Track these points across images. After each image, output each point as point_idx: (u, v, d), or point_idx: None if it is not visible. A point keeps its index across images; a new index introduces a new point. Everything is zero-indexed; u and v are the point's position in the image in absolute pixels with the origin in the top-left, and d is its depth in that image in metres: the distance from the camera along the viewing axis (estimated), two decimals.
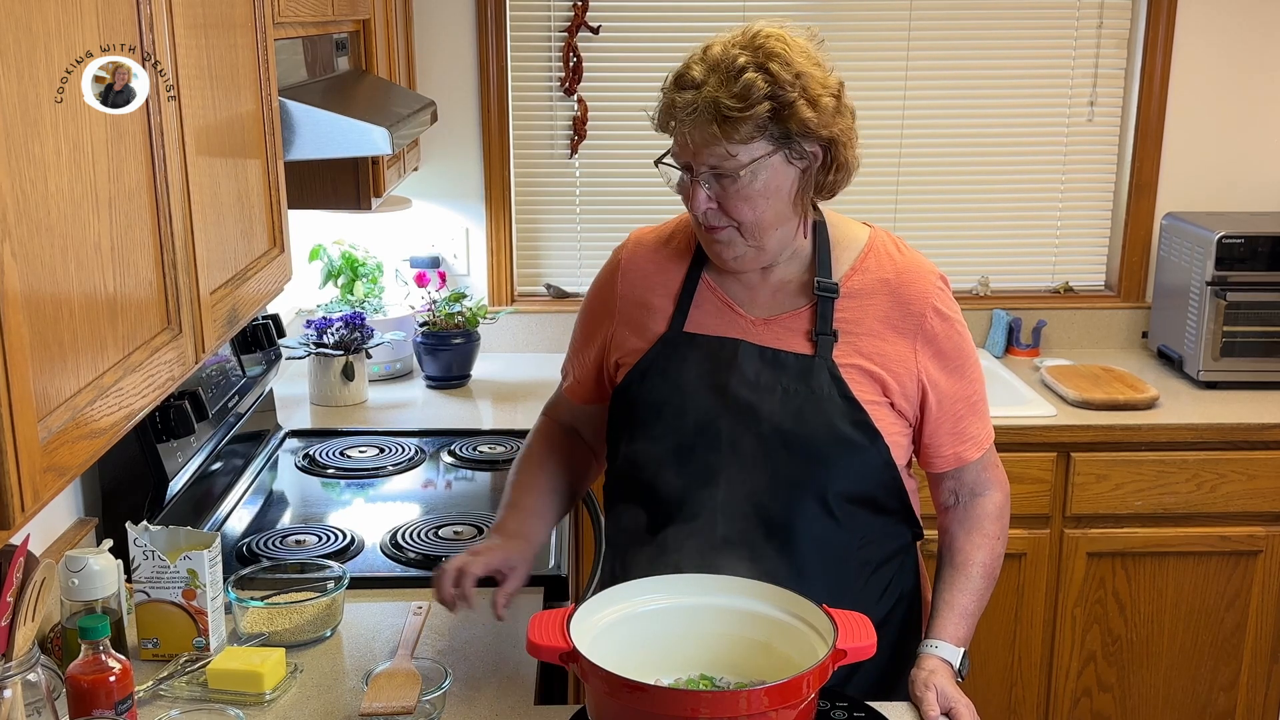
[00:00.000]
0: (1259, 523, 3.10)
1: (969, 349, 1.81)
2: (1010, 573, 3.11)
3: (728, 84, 1.61)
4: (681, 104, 1.63)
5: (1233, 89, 3.56)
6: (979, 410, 1.82)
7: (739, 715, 1.39)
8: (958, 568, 1.82)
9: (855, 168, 1.74)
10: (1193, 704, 3.22)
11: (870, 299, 1.76)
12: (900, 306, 1.76)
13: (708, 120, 1.61)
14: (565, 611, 1.52)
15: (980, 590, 1.81)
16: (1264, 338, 3.26)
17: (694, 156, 1.65)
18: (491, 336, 3.47)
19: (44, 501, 1.11)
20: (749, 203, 1.66)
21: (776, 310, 1.78)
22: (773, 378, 1.73)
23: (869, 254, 1.80)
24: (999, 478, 1.89)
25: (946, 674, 1.73)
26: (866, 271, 1.78)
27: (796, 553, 1.71)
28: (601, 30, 3.49)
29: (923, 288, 1.78)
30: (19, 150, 1.07)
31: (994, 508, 1.86)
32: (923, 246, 3.67)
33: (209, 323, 1.56)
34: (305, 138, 1.98)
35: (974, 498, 1.86)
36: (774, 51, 1.64)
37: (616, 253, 1.91)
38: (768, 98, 1.61)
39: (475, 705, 1.74)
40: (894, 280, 1.77)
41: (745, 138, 1.62)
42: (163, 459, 2.14)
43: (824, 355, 1.73)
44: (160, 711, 1.65)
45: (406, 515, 2.44)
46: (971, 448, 1.82)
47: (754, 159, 1.63)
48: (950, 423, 1.79)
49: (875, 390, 1.74)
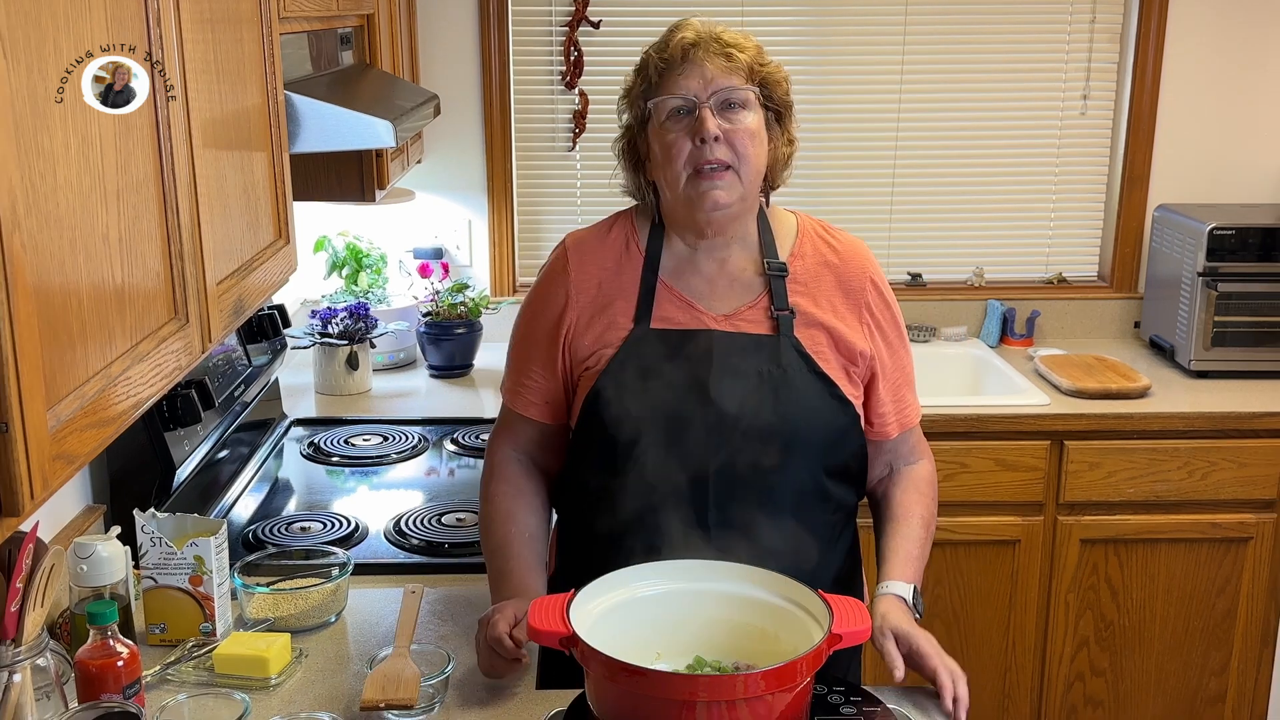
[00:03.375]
0: (1249, 510, 3.13)
1: (901, 322, 1.91)
2: (1004, 559, 3.14)
3: (720, 32, 1.78)
4: (685, 43, 1.77)
5: (1224, 83, 3.58)
6: (912, 381, 1.93)
7: (736, 699, 1.41)
8: (899, 519, 1.89)
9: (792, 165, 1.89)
10: (1184, 688, 3.25)
11: (817, 282, 1.84)
12: (843, 284, 1.86)
13: (715, 53, 1.76)
14: (565, 597, 1.53)
15: (921, 538, 1.87)
16: (1254, 328, 3.29)
17: (703, 88, 1.75)
18: (494, 326, 3.48)
19: (53, 489, 1.12)
20: (750, 135, 1.77)
21: (736, 304, 1.82)
22: (748, 363, 1.77)
23: (803, 238, 1.88)
24: (926, 450, 1.98)
25: (900, 611, 1.75)
26: (805, 256, 1.86)
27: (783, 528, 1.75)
28: (602, 25, 3.51)
29: (861, 264, 1.88)
30: (29, 143, 1.08)
31: (926, 473, 1.95)
32: (918, 238, 3.75)
33: (215, 313, 1.57)
34: (310, 131, 1.99)
35: (907, 465, 1.94)
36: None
37: (557, 259, 1.88)
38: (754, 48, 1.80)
39: (477, 690, 1.75)
40: (835, 261, 1.87)
41: (744, 72, 1.76)
42: (170, 447, 2.15)
43: (786, 333, 1.80)
44: (167, 696, 1.67)
45: (410, 502, 2.46)
46: (911, 415, 1.92)
47: (753, 91, 1.78)
48: (892, 392, 1.88)
49: (839, 365, 1.82)
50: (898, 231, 3.70)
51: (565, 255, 1.88)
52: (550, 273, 1.89)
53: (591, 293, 1.84)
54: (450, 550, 2.21)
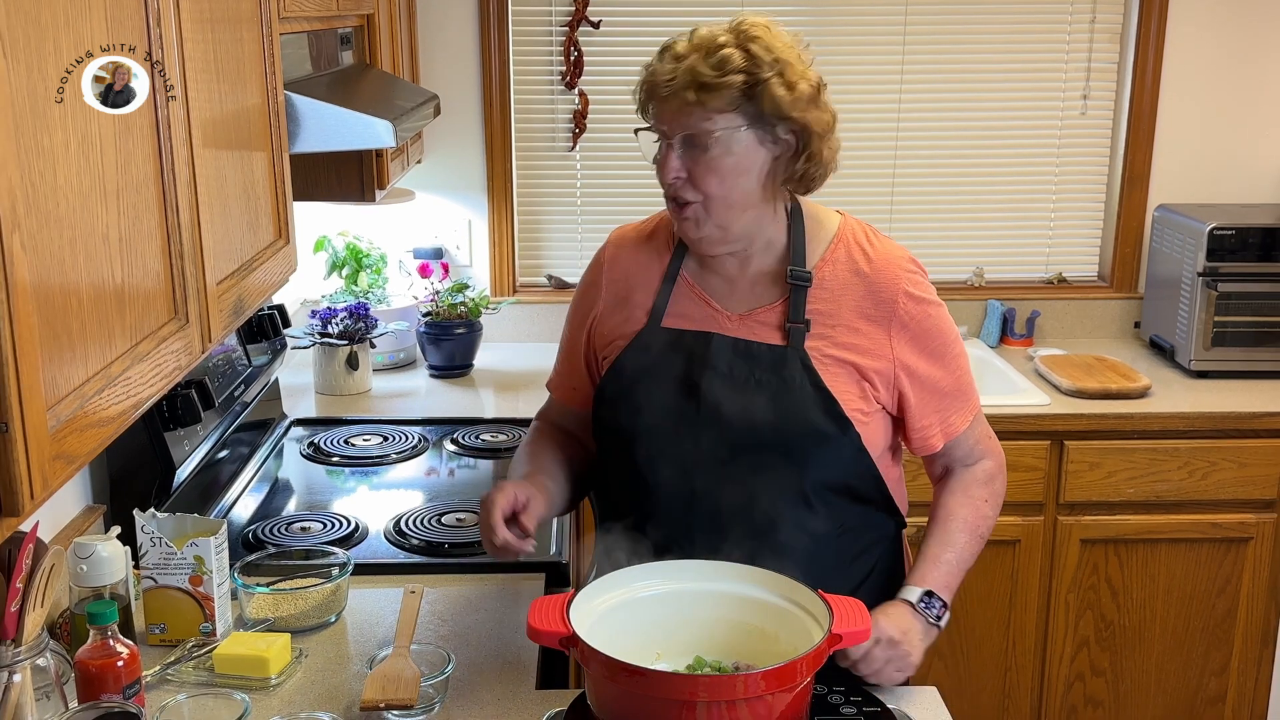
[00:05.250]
0: (1250, 510, 3.13)
1: (948, 331, 1.82)
2: (1004, 559, 3.14)
3: (707, 57, 1.67)
4: (662, 73, 1.70)
5: (1224, 82, 3.58)
6: (963, 390, 1.84)
7: (736, 699, 1.41)
8: (938, 522, 1.86)
9: (832, 166, 1.76)
10: (1184, 688, 3.25)
11: (844, 291, 1.78)
12: (873, 295, 1.78)
13: (684, 86, 1.67)
14: (565, 597, 1.54)
15: (959, 543, 1.83)
16: (1254, 328, 3.28)
17: (670, 123, 1.70)
18: (493, 326, 3.49)
19: (53, 489, 1.12)
20: (717, 175, 1.69)
21: (752, 305, 1.80)
22: (745, 370, 1.75)
23: (838, 243, 1.81)
24: (991, 448, 1.91)
25: (897, 615, 1.73)
26: (837, 262, 1.79)
27: (773, 542, 1.72)
28: (602, 25, 3.50)
29: (893, 274, 1.79)
30: (28, 142, 1.08)
31: (982, 473, 1.89)
32: (918, 238, 3.74)
33: (215, 313, 1.57)
34: (310, 131, 1.99)
35: (964, 468, 1.89)
36: (756, 35, 1.69)
37: (600, 252, 1.94)
38: (743, 71, 1.66)
39: (477, 690, 1.76)
40: (867, 270, 1.79)
41: (719, 108, 1.66)
42: (170, 447, 2.15)
43: (796, 345, 1.75)
44: (167, 696, 1.67)
45: (410, 503, 2.46)
46: (957, 424, 1.84)
47: (726, 129, 1.67)
48: (935, 406, 1.81)
49: (850, 379, 1.76)
50: (898, 231, 3.69)
51: (606, 248, 1.94)
52: (591, 265, 1.95)
53: (620, 283, 1.88)
54: (450, 550, 2.21)
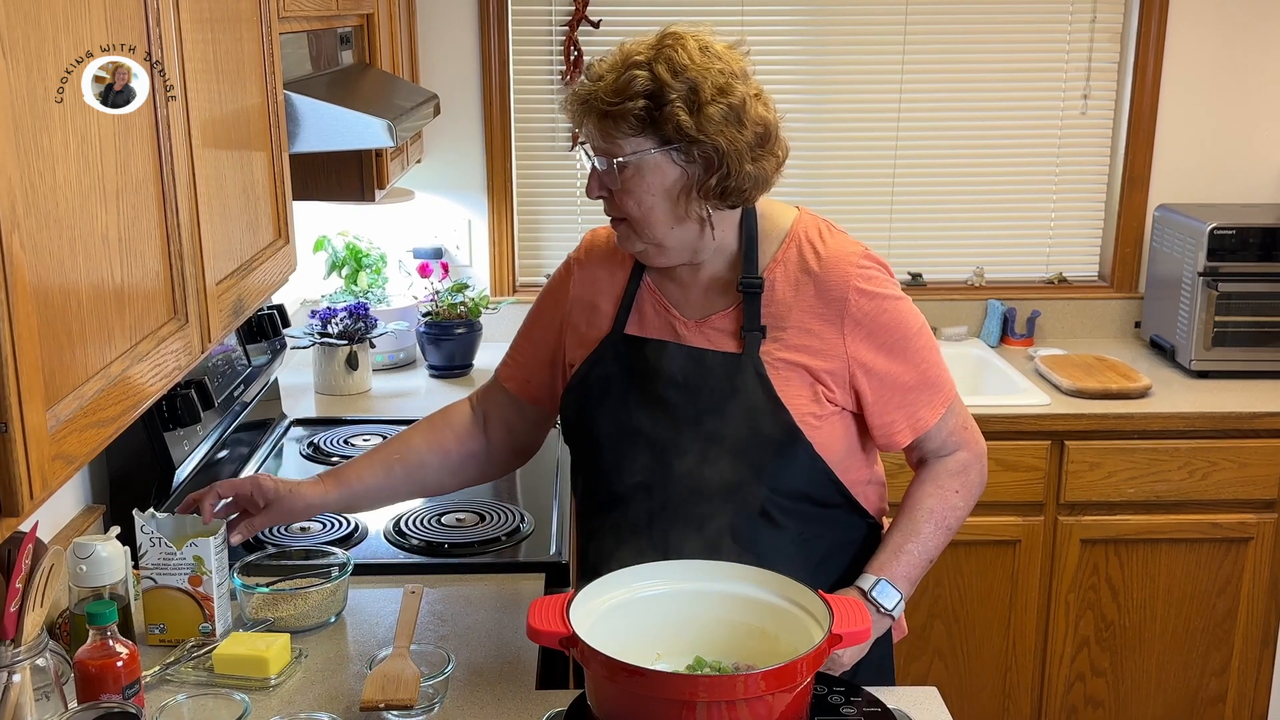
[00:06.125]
0: (1250, 510, 3.13)
1: (908, 324, 1.77)
2: (1005, 559, 3.14)
3: (617, 80, 1.66)
4: (572, 97, 1.72)
5: (1224, 82, 3.58)
6: (930, 382, 1.79)
7: (736, 699, 1.41)
8: (905, 511, 1.83)
9: (768, 179, 1.72)
10: (1185, 689, 3.25)
11: (796, 291, 1.75)
12: (823, 294, 1.74)
13: (589, 112, 1.69)
14: (565, 597, 1.53)
15: (924, 534, 1.80)
16: (1255, 328, 3.29)
17: (591, 142, 1.72)
18: (493, 326, 3.48)
19: (52, 489, 1.12)
20: (632, 196, 1.70)
21: (708, 310, 1.79)
22: (700, 379, 1.75)
23: (790, 243, 1.78)
24: (967, 439, 1.86)
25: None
26: (789, 262, 1.77)
27: (734, 552, 1.70)
28: (601, 24, 3.51)
29: (843, 272, 1.74)
30: (28, 142, 1.07)
31: (955, 464, 1.85)
32: (919, 238, 3.74)
33: (215, 313, 1.56)
34: (310, 130, 1.99)
35: (938, 459, 1.86)
36: (668, 53, 1.66)
37: (574, 251, 1.95)
38: (644, 95, 1.64)
39: (477, 690, 1.76)
40: (817, 269, 1.75)
41: (623, 133, 1.67)
42: (169, 447, 2.15)
43: (750, 353, 1.74)
44: (167, 696, 1.66)
45: (409, 503, 2.44)
46: (926, 418, 1.79)
47: (634, 152, 1.67)
48: (897, 401, 1.77)
49: (804, 384, 1.74)
50: (898, 231, 3.70)
51: (580, 247, 1.94)
52: (565, 262, 1.96)
53: (590, 286, 1.89)
54: (450, 550, 2.21)
